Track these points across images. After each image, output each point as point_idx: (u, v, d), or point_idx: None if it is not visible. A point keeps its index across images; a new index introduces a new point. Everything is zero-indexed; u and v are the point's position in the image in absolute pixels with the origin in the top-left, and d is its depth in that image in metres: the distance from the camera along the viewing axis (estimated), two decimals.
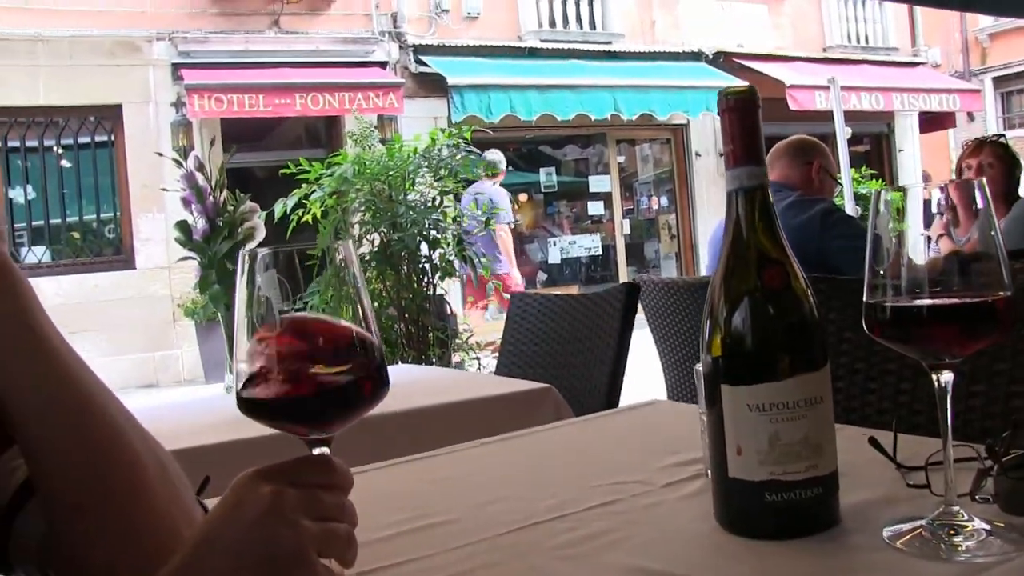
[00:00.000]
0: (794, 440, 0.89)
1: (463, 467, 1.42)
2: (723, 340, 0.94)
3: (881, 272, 0.87)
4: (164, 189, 7.57)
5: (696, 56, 13.36)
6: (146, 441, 0.85)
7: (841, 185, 6.05)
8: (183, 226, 2.56)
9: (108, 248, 10.89)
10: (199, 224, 2.53)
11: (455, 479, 1.35)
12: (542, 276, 13.16)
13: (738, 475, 0.90)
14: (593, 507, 1.06)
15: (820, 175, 3.43)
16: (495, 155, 8.05)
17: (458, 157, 4.20)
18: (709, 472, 1.00)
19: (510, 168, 4.41)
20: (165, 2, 10.95)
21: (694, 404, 1.76)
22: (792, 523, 0.89)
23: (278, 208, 4.06)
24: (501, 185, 7.87)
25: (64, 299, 10.03)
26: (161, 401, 3.15)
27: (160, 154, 2.64)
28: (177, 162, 2.64)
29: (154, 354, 10.53)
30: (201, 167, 2.57)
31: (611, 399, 2.43)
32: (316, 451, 0.81)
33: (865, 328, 0.89)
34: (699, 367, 1.05)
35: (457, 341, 4.37)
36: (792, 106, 12.26)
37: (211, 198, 2.53)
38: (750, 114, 1.00)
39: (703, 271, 13.37)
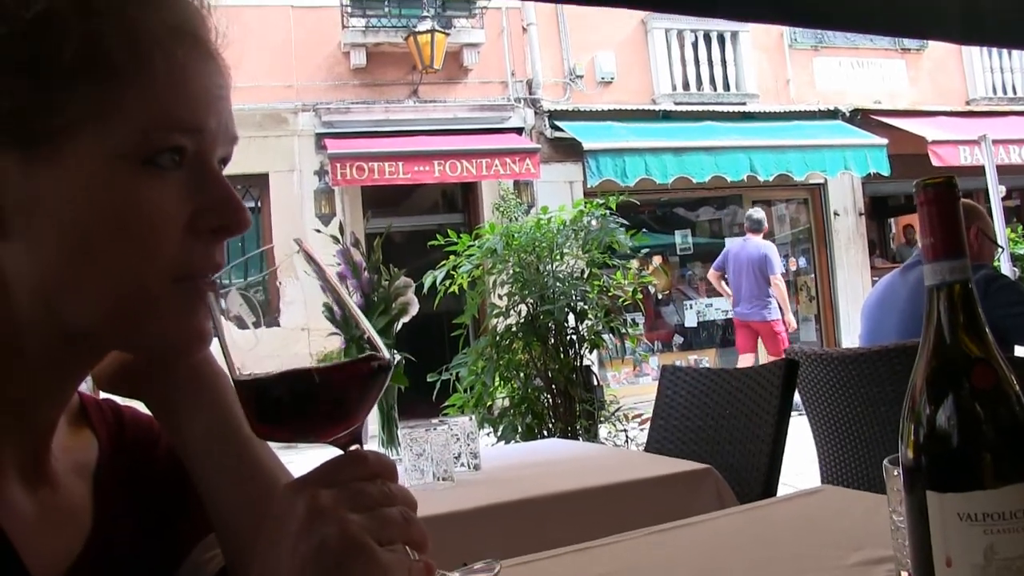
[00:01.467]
0: (1014, 555, 0.83)
1: (630, 559, 1.38)
2: (928, 444, 0.89)
3: None
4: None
5: (833, 114, 13.09)
6: None
7: (1001, 248, 5.77)
8: (328, 306, 2.60)
9: (254, 312, 11.29)
10: (355, 299, 2.59)
11: (623, 573, 1.31)
12: (678, 339, 12.94)
13: None
14: None
15: (979, 239, 3.30)
16: (759, 213, 9.60)
17: (609, 226, 4.20)
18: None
19: (644, 231, 4.38)
20: (310, 76, 11.46)
21: (864, 492, 1.68)
22: None
23: (427, 280, 4.14)
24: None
25: None
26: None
27: (318, 231, 2.72)
28: (334, 238, 2.72)
29: None
30: (357, 243, 2.64)
31: (770, 481, 2.35)
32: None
33: None
34: (888, 463, 1.00)
35: (604, 413, 4.32)
36: (935, 163, 11.82)
37: (366, 274, 2.59)
38: (950, 204, 0.95)
39: (844, 334, 12.93)
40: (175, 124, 0.70)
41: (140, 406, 0.92)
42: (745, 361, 9.20)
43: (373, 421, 2.87)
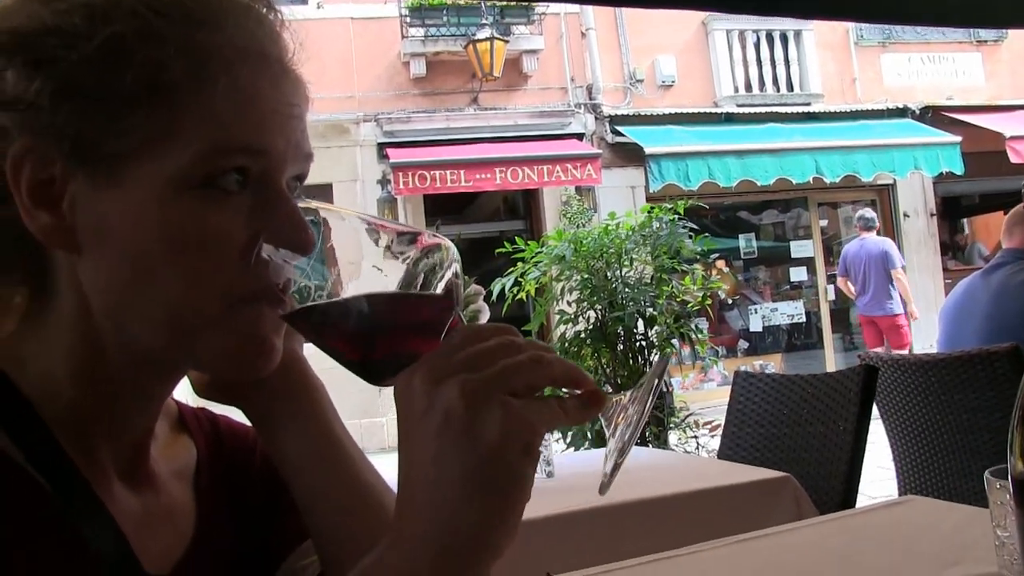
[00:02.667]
0: None
1: (709, 570, 1.35)
2: None
3: None
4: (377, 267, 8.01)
5: (902, 112, 12.77)
6: None
7: None
8: None
9: None
10: None
11: None
12: (743, 344, 12.77)
13: None
14: None
15: None
16: (869, 212, 9.89)
17: (679, 232, 4.16)
18: None
19: (707, 235, 4.33)
20: (371, 86, 11.58)
21: (955, 503, 1.62)
22: None
23: (496, 287, 4.15)
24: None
25: None
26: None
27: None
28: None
29: (360, 421, 10.90)
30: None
31: (849, 491, 2.29)
32: None
33: None
34: (991, 475, 0.95)
35: (674, 420, 4.26)
36: (1013, 159, 11.47)
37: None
38: None
39: (915, 339, 12.63)
40: (236, 146, 0.71)
41: (236, 414, 0.93)
42: None
43: None
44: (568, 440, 4.16)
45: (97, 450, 0.77)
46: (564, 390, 0.61)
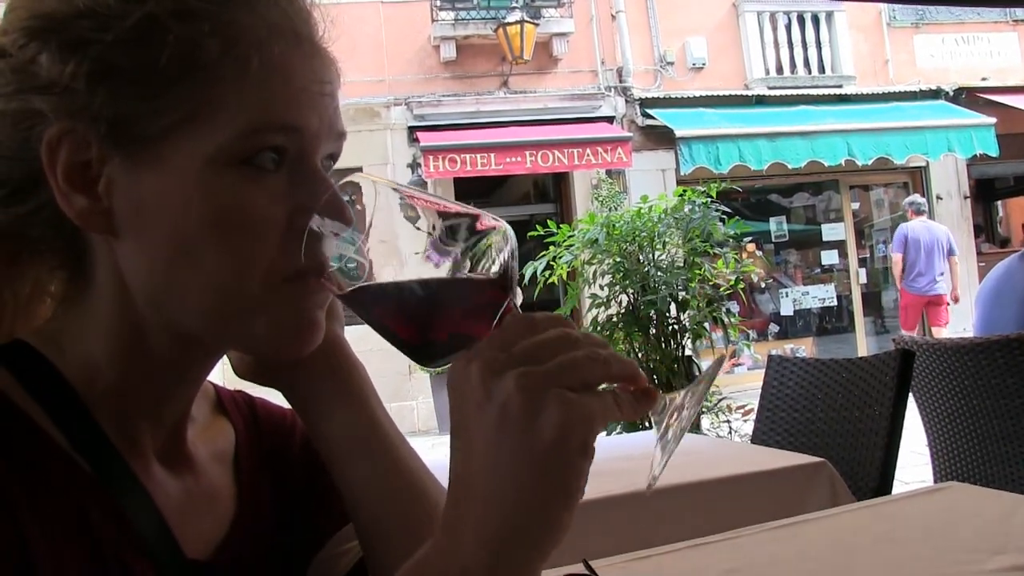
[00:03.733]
0: None
1: (747, 556, 1.35)
2: None
3: None
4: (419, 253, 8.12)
5: (935, 94, 12.60)
6: None
7: None
8: None
9: None
10: None
11: (745, 571, 1.28)
12: (774, 328, 12.69)
13: None
14: None
15: None
16: (919, 197, 10.63)
17: (712, 215, 4.14)
18: None
19: (738, 218, 4.30)
20: (401, 70, 11.59)
21: (999, 491, 1.61)
22: None
23: (528, 271, 4.15)
24: None
25: None
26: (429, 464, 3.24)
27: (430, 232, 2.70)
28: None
29: (390, 405, 10.82)
30: None
31: (885, 477, 2.28)
32: None
33: None
34: None
35: (706, 404, 4.25)
36: None
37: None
38: None
39: (949, 323, 12.50)
40: (273, 124, 0.70)
41: (274, 396, 0.92)
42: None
43: None
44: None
45: (137, 433, 0.78)
46: (616, 385, 0.61)
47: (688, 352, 4.30)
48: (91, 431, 0.73)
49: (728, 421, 4.32)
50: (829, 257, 12.90)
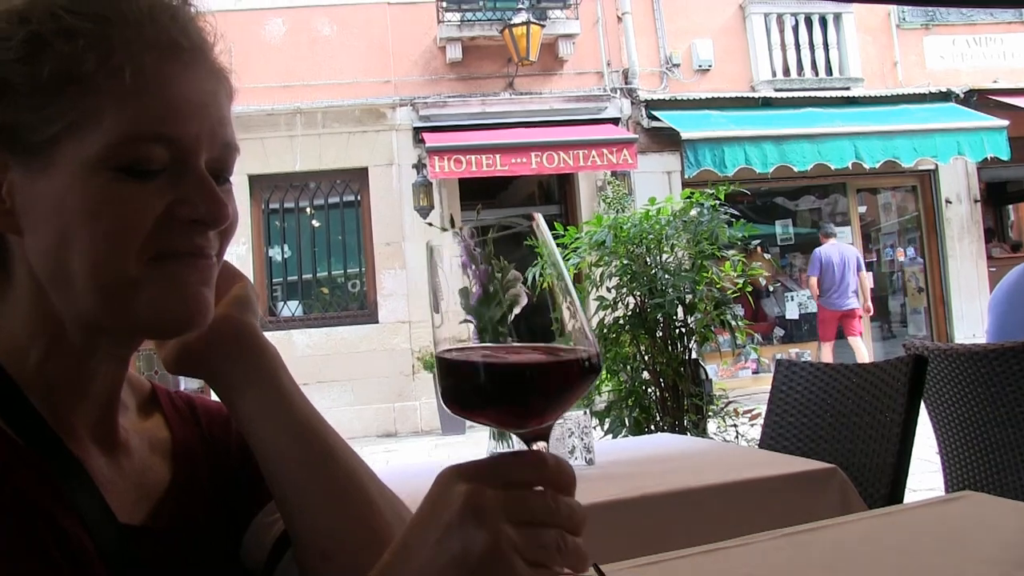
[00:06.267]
0: None
1: (756, 563, 1.31)
2: None
3: None
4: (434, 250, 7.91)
5: (945, 96, 12.52)
6: (383, 492, 0.93)
7: None
8: (465, 292, 2.61)
9: (353, 302, 11.48)
10: (475, 290, 2.57)
11: None
12: (779, 332, 12.66)
13: None
14: None
15: None
16: (829, 224, 11.73)
17: (720, 218, 4.10)
18: None
19: (744, 221, 4.29)
20: (407, 71, 11.60)
21: (1017, 502, 1.57)
22: None
23: (533, 273, 4.11)
24: None
25: (313, 351, 10.70)
26: (427, 464, 3.22)
27: (445, 228, 2.69)
28: (453, 231, 2.69)
29: (394, 404, 10.96)
30: (474, 235, 2.61)
31: (897, 484, 2.23)
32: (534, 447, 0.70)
33: None
34: None
35: (713, 408, 4.22)
36: None
37: (482, 266, 2.56)
38: None
39: (957, 328, 12.46)
40: (147, 134, 0.78)
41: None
42: (828, 349, 11.07)
43: None
44: (606, 427, 4.13)
45: (67, 411, 0.85)
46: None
47: (695, 355, 4.27)
48: (22, 408, 0.81)
49: (735, 425, 4.28)
50: None
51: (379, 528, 0.88)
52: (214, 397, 0.99)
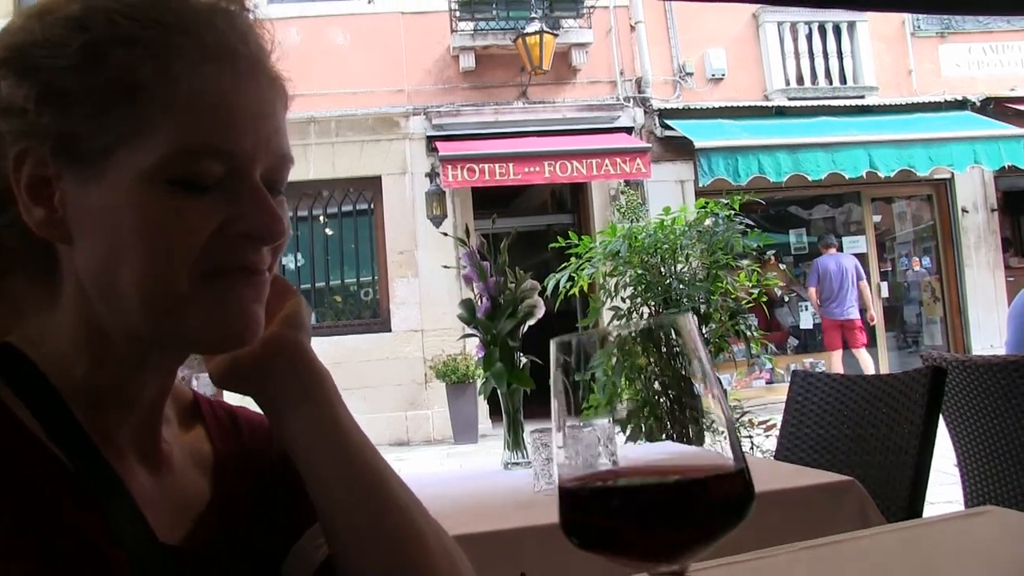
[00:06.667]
0: None
1: None
2: None
3: None
4: (449, 267, 7.97)
5: (961, 104, 12.45)
6: (434, 529, 0.91)
7: None
8: (468, 304, 2.60)
9: (366, 311, 11.49)
10: (482, 302, 2.57)
11: None
12: (793, 342, 12.60)
13: None
14: None
15: None
16: (831, 236, 11.91)
17: (736, 227, 4.08)
18: None
19: (759, 230, 4.28)
20: (421, 80, 11.63)
21: None
22: None
23: (550, 283, 4.11)
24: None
25: (326, 359, 10.44)
26: (440, 474, 3.20)
27: (463, 240, 2.70)
28: (462, 241, 2.70)
29: (406, 413, 10.96)
30: (483, 246, 2.62)
31: (915, 499, 2.20)
32: None
33: None
34: None
35: None
36: None
37: (493, 277, 2.56)
38: None
39: (974, 338, 12.36)
40: (202, 147, 0.76)
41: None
42: (837, 358, 11.09)
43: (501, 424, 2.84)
44: (627, 435, 4.10)
45: (111, 426, 0.83)
46: None
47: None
48: (67, 423, 0.79)
49: (750, 436, 4.24)
50: None
51: (429, 567, 0.87)
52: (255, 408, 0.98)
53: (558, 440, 0.67)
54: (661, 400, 3.90)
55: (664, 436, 4.02)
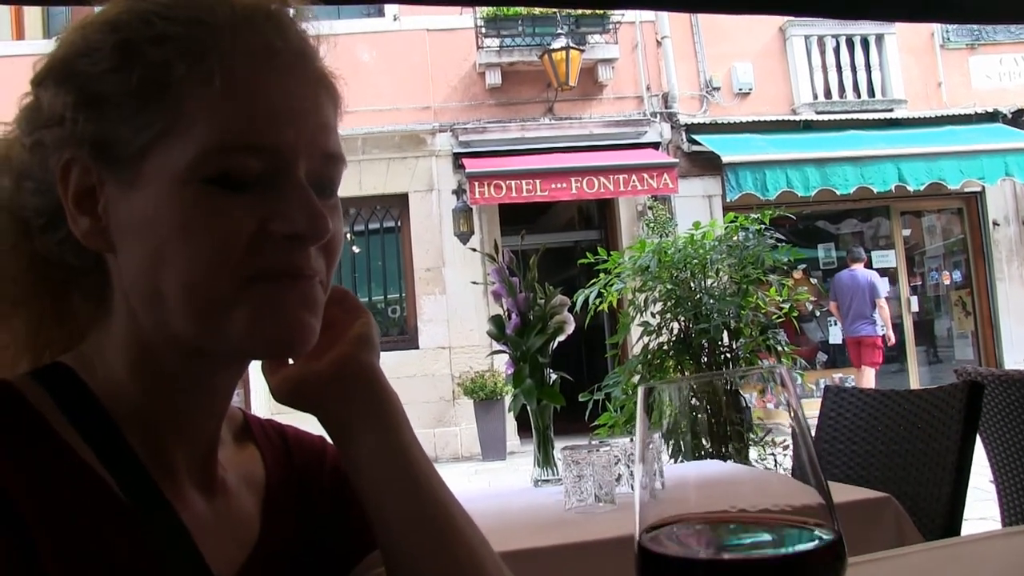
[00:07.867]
0: None
1: None
2: None
3: None
4: (475, 282, 7.96)
5: (992, 117, 12.31)
6: (494, 558, 0.86)
7: None
8: (497, 321, 2.60)
9: (394, 328, 11.50)
10: (511, 318, 2.57)
11: None
12: (822, 357, 12.48)
13: None
14: None
15: None
16: (859, 248, 11.40)
17: (767, 241, 4.06)
18: None
19: (788, 245, 4.26)
20: (447, 97, 11.67)
21: None
22: None
23: (579, 299, 4.11)
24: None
25: None
26: (469, 491, 3.19)
27: (492, 256, 2.70)
28: (491, 257, 2.70)
29: (434, 430, 10.94)
30: (512, 262, 2.62)
31: (954, 516, 2.16)
32: None
33: None
34: None
35: (753, 436, 4.14)
36: None
37: (523, 293, 2.56)
38: None
39: (1006, 352, 12.20)
40: (240, 144, 0.73)
41: (306, 423, 0.94)
42: (859, 372, 10.88)
43: (530, 440, 2.83)
44: (669, 453, 4.08)
45: (168, 452, 0.81)
46: None
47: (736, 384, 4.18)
48: (119, 449, 0.76)
49: (773, 454, 4.19)
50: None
51: None
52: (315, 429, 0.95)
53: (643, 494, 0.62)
54: (699, 417, 3.88)
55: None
